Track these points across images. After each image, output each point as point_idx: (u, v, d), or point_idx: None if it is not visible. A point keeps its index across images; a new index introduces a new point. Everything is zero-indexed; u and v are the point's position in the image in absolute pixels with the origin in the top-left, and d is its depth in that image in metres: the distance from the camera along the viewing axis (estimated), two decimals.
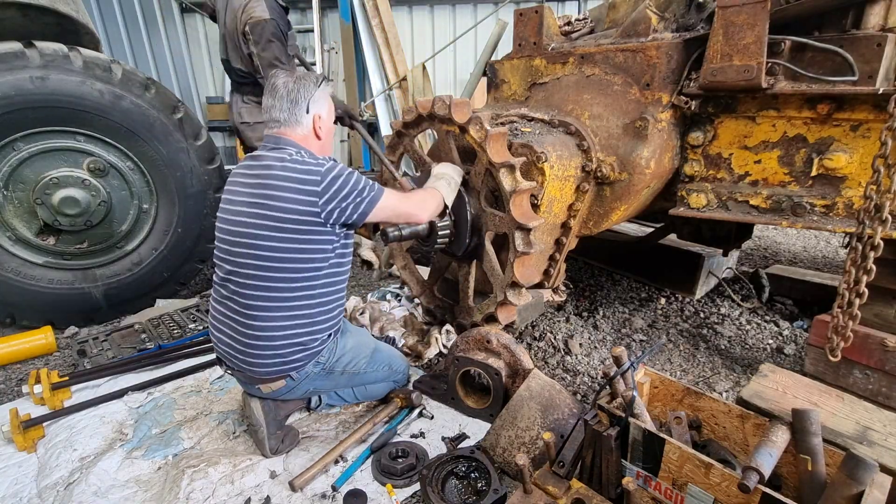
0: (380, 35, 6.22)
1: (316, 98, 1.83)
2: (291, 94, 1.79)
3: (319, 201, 1.68)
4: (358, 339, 2.07)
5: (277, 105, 1.80)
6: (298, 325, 1.80)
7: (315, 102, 1.82)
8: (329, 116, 1.91)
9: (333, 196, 1.70)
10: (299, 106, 1.79)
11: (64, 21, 3.04)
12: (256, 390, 1.93)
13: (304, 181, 1.68)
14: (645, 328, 3.00)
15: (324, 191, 1.68)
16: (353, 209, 1.74)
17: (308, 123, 1.83)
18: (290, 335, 1.79)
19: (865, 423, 1.68)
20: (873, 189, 1.76)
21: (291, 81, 1.80)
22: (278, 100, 1.80)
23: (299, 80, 1.81)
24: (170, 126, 3.09)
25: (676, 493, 1.43)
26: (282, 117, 1.80)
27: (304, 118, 1.81)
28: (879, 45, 1.80)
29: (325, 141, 1.91)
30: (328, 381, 1.99)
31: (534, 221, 2.05)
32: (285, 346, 1.80)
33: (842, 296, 1.93)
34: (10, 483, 1.86)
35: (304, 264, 1.75)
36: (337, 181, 1.70)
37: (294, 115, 1.80)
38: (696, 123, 2.24)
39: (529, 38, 2.59)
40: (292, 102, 1.79)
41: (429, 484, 1.70)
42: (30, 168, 2.85)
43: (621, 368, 1.59)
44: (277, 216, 1.68)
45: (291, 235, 1.70)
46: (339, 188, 1.70)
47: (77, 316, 3.14)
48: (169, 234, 3.25)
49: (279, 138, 1.81)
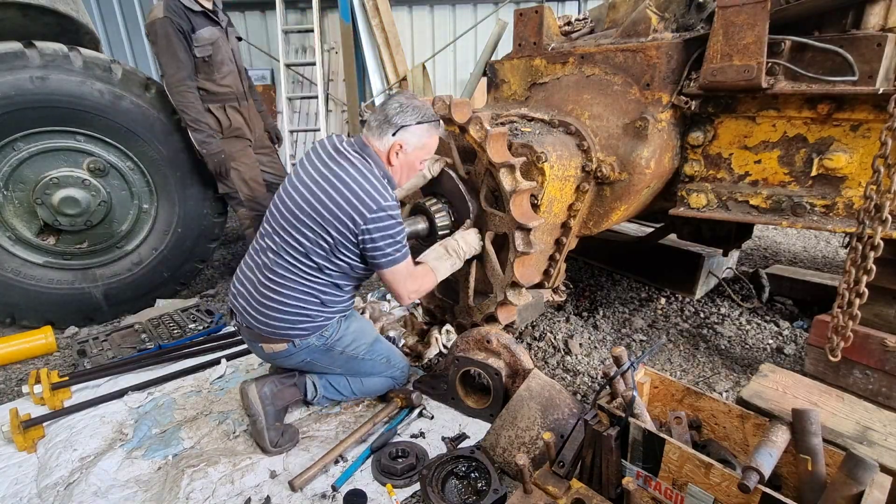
0: (380, 35, 6.22)
1: (410, 130, 1.86)
2: (391, 111, 1.85)
3: (363, 225, 1.77)
4: (362, 325, 2.15)
5: (375, 115, 1.89)
6: (310, 303, 1.92)
7: (406, 132, 1.86)
8: (415, 153, 1.92)
9: (373, 230, 1.79)
10: (389, 125, 1.85)
11: (64, 21, 3.05)
12: (259, 349, 2.02)
13: (365, 201, 1.76)
14: (645, 328, 3.00)
15: (372, 220, 1.77)
16: (377, 255, 1.83)
17: (387, 144, 1.87)
18: (301, 308, 1.91)
19: (865, 423, 1.68)
20: (873, 189, 1.76)
21: (402, 101, 1.87)
22: (380, 111, 1.88)
23: (407, 106, 1.86)
24: (170, 126, 3.09)
25: (676, 493, 1.43)
26: (373, 125, 1.89)
27: (387, 138, 1.86)
28: (879, 45, 1.80)
29: (398, 168, 1.94)
30: (326, 358, 2.05)
31: (534, 221, 2.05)
32: (294, 314, 1.90)
33: (842, 296, 1.93)
34: (10, 483, 1.86)
35: (328, 264, 1.87)
36: (386, 221, 1.79)
37: (380, 129, 1.86)
38: (696, 123, 2.24)
39: (529, 38, 2.59)
40: (385, 118, 1.85)
41: (429, 484, 1.71)
42: (30, 168, 2.85)
43: (621, 368, 1.59)
44: (326, 215, 1.79)
45: (327, 237, 1.81)
46: (383, 229, 1.80)
47: (77, 316, 3.14)
48: (169, 234, 3.25)
49: (366, 145, 1.89)
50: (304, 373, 2.12)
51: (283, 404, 2.07)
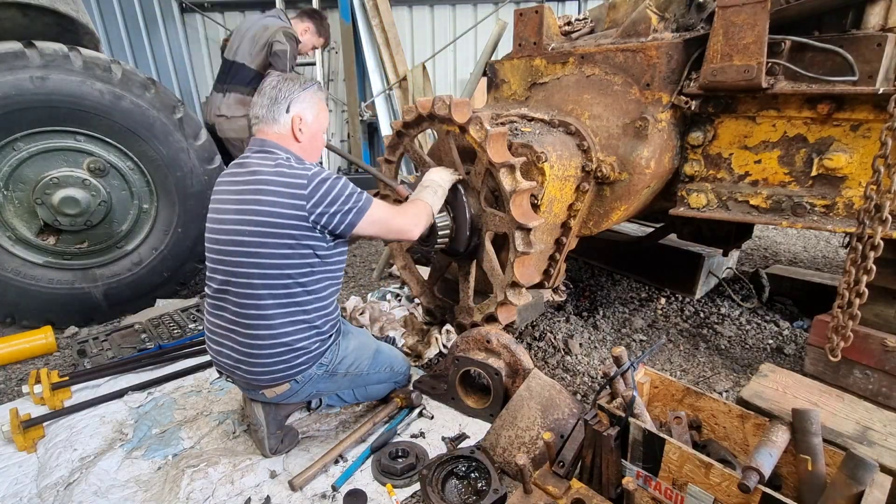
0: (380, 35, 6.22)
1: (300, 99, 1.78)
2: (273, 91, 1.77)
3: (307, 205, 1.65)
4: (360, 341, 2.06)
5: (259, 101, 1.79)
6: (299, 328, 1.77)
7: (298, 103, 1.78)
8: (316, 121, 1.84)
9: (320, 201, 1.66)
10: (278, 104, 1.76)
11: (64, 21, 3.04)
12: (260, 395, 1.89)
13: (291, 185, 1.65)
14: (645, 328, 3.00)
15: (310, 195, 1.65)
16: (340, 218, 1.71)
17: (286, 122, 1.78)
18: (292, 340, 1.76)
19: (865, 423, 1.68)
20: (873, 189, 1.76)
21: (276, 80, 1.79)
22: (260, 97, 1.79)
23: (284, 80, 1.79)
24: (170, 126, 3.09)
25: (676, 493, 1.43)
26: (260, 113, 1.78)
27: (283, 117, 1.77)
28: (879, 45, 1.80)
29: (306, 144, 1.83)
30: (331, 384, 1.97)
31: (534, 221, 2.05)
32: (288, 351, 1.77)
33: (842, 296, 1.93)
34: (10, 483, 1.85)
35: (299, 268, 1.72)
36: (323, 185, 1.67)
37: (272, 113, 1.76)
38: (696, 123, 2.24)
39: (529, 37, 2.59)
40: (272, 100, 1.76)
41: (429, 484, 1.70)
42: (30, 168, 2.85)
43: (621, 368, 1.59)
44: (268, 221, 1.65)
45: (283, 241, 1.66)
46: (325, 193, 1.67)
47: (77, 316, 3.14)
48: (169, 234, 3.25)
49: (263, 140, 1.78)
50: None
51: (286, 414, 2.06)
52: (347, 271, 4.10)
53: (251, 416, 1.96)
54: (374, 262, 4.17)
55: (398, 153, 2.62)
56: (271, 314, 1.72)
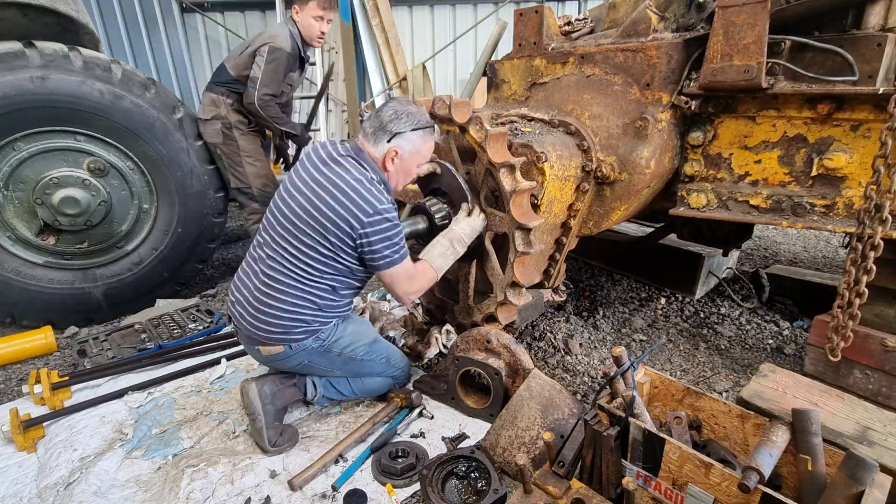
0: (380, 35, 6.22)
1: (405, 136, 1.88)
2: (386, 117, 1.87)
3: (360, 229, 1.79)
4: (359, 327, 2.14)
5: (370, 121, 1.91)
6: (307, 308, 1.91)
7: (401, 138, 1.88)
8: (410, 159, 1.95)
9: (370, 234, 1.80)
10: (384, 131, 1.88)
11: (64, 21, 3.04)
12: (256, 352, 2.02)
13: (361, 206, 1.78)
14: (645, 328, 3.00)
15: (369, 224, 1.79)
16: (376, 258, 1.85)
17: (383, 150, 1.90)
18: (297, 313, 1.90)
19: (865, 423, 1.68)
20: (873, 189, 1.76)
21: (394, 110, 1.88)
22: (375, 117, 1.91)
23: (402, 112, 1.88)
24: (170, 126, 3.09)
25: (676, 493, 1.43)
26: (368, 131, 1.91)
27: (382, 144, 1.89)
28: (879, 45, 1.80)
29: (393, 174, 1.96)
30: (324, 360, 2.04)
31: (534, 221, 2.04)
32: (290, 318, 1.90)
33: (842, 296, 1.93)
34: (10, 483, 1.86)
35: (327, 268, 1.88)
36: (383, 224, 1.81)
37: (375, 136, 1.89)
38: (696, 123, 2.24)
39: (529, 37, 2.59)
40: (381, 124, 1.88)
41: (429, 484, 1.70)
42: (30, 168, 2.85)
43: (621, 368, 1.59)
44: (323, 221, 1.80)
45: (327, 241, 1.82)
46: (380, 231, 1.81)
47: (77, 316, 3.14)
48: (169, 234, 3.25)
49: (361, 151, 1.90)
50: (304, 374, 2.12)
51: (283, 404, 2.07)
52: None
53: (249, 405, 1.99)
54: None
55: None
56: (287, 283, 1.88)
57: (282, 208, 1.90)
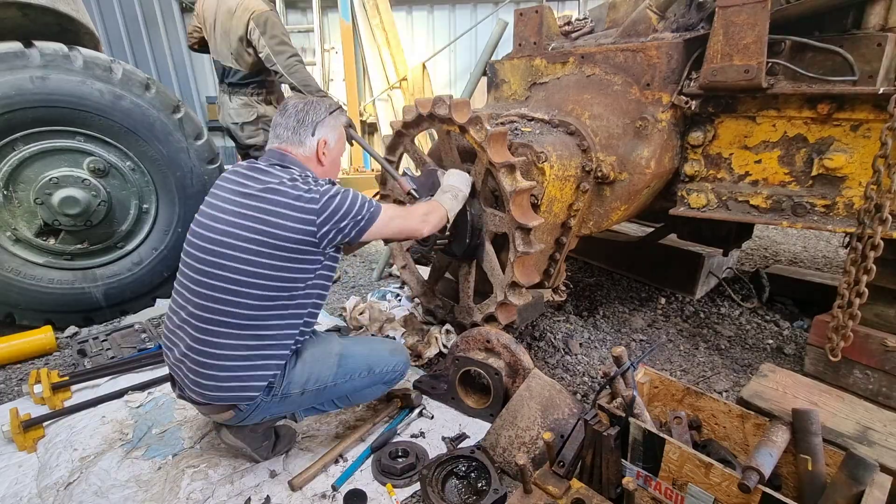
0: (380, 35, 6.23)
1: (325, 123, 1.80)
2: (300, 114, 1.78)
3: (317, 220, 1.60)
4: (313, 353, 1.80)
5: (283, 123, 1.79)
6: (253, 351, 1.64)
7: (323, 127, 1.80)
8: (337, 146, 1.88)
9: (330, 217, 1.62)
10: (305, 127, 1.77)
11: (64, 21, 3.04)
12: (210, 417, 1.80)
13: (304, 200, 1.61)
14: (645, 328, 3.00)
15: (321, 211, 1.61)
16: (350, 227, 1.68)
17: (312, 146, 1.79)
18: (240, 362, 1.63)
19: (865, 423, 1.68)
20: (873, 189, 1.76)
21: (302, 103, 1.81)
22: (285, 118, 1.79)
23: (310, 103, 1.81)
24: (170, 126, 3.09)
25: (676, 493, 1.43)
26: (285, 135, 1.78)
27: (308, 140, 1.78)
28: (880, 44, 1.80)
29: (328, 168, 1.86)
30: (287, 405, 1.79)
31: (534, 221, 2.04)
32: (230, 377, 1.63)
33: (842, 296, 1.93)
34: (10, 483, 1.85)
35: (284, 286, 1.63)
36: (334, 201, 1.63)
37: (298, 135, 1.77)
38: (697, 123, 2.24)
39: (530, 37, 2.59)
40: (299, 122, 1.77)
41: (429, 484, 1.70)
42: (30, 168, 2.85)
43: (621, 368, 1.59)
44: (273, 233, 1.58)
45: (281, 255, 1.60)
46: (336, 208, 1.64)
47: (77, 316, 3.14)
48: (169, 234, 3.25)
49: (284, 155, 1.76)
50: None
51: (265, 429, 1.91)
52: (347, 271, 4.10)
53: (231, 448, 1.87)
54: (374, 262, 4.17)
55: (398, 153, 2.62)
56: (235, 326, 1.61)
57: (211, 237, 1.63)
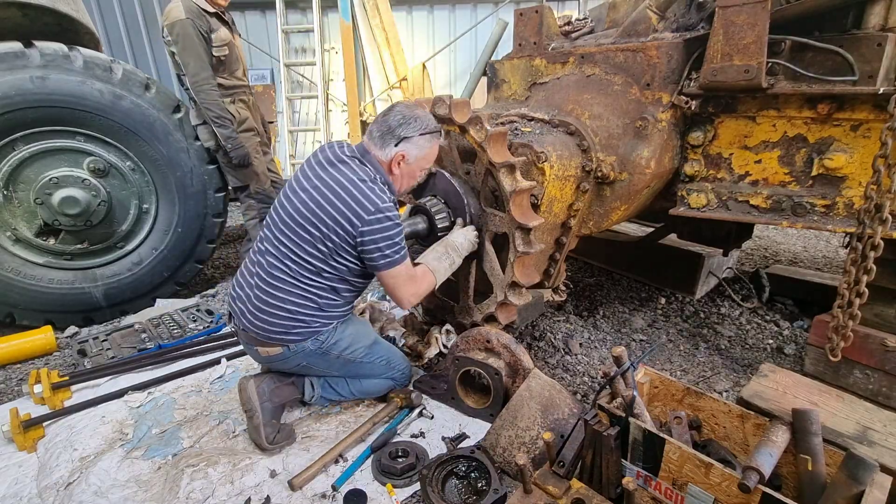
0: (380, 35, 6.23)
1: (413, 141, 1.88)
2: (395, 122, 1.87)
3: (360, 227, 1.78)
4: (359, 329, 2.13)
5: (378, 124, 1.90)
6: (307, 308, 1.91)
7: (408, 143, 1.88)
8: (416, 163, 1.95)
9: (371, 232, 1.79)
10: (392, 136, 1.87)
11: (64, 21, 3.04)
12: (255, 352, 2.02)
13: (363, 204, 1.78)
14: (645, 328, 3.00)
15: (368, 223, 1.78)
16: (376, 257, 1.83)
17: (389, 154, 1.89)
18: (296, 314, 1.90)
19: (865, 423, 1.68)
20: (873, 189, 1.76)
21: (402, 115, 1.88)
22: (382, 120, 1.90)
23: (409, 117, 1.88)
24: (170, 126, 3.09)
25: (676, 493, 1.43)
26: (374, 135, 1.90)
27: (389, 148, 1.88)
28: (880, 44, 1.80)
29: (398, 178, 1.96)
30: (322, 361, 2.04)
31: (534, 221, 2.04)
32: (289, 318, 1.90)
33: (842, 296, 1.93)
34: (10, 483, 1.86)
35: (327, 267, 1.88)
36: (383, 223, 1.79)
37: (382, 140, 1.88)
38: (697, 123, 2.24)
39: (530, 37, 2.59)
40: (388, 129, 1.87)
41: (429, 484, 1.70)
42: (30, 168, 2.85)
43: (621, 368, 1.59)
44: (325, 218, 1.80)
45: (325, 241, 1.82)
46: (379, 230, 1.79)
47: (77, 316, 3.14)
48: (169, 234, 3.25)
49: (367, 152, 1.91)
50: (302, 375, 2.12)
51: (281, 402, 2.07)
52: None
53: (247, 401, 1.98)
54: None
55: None
56: (289, 282, 1.89)
57: (286, 207, 1.90)
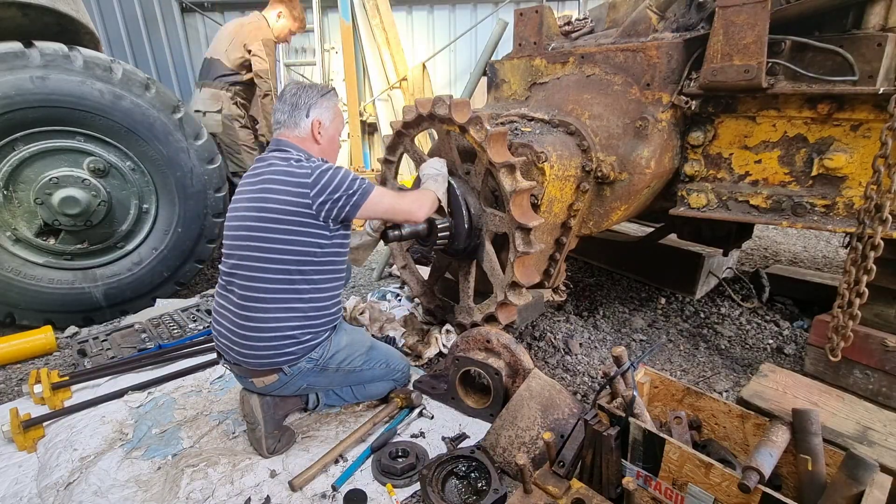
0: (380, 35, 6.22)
1: (318, 105, 1.93)
2: (293, 98, 1.91)
3: (311, 193, 1.76)
4: (353, 337, 2.10)
5: (280, 108, 1.93)
6: (291, 318, 1.85)
7: (316, 108, 1.92)
8: (332, 125, 1.99)
9: (323, 189, 1.77)
10: (299, 109, 1.91)
11: (64, 21, 3.04)
12: (251, 384, 1.95)
13: (298, 175, 1.78)
14: (645, 328, 3.00)
15: (314, 184, 1.76)
16: (344, 202, 1.81)
17: (306, 127, 1.93)
18: (282, 328, 1.84)
19: (865, 423, 1.68)
20: (873, 189, 1.76)
21: (295, 88, 1.93)
22: (282, 104, 1.93)
23: (303, 87, 1.94)
24: (170, 126, 3.09)
25: (676, 493, 1.43)
26: (281, 118, 1.93)
27: (303, 122, 1.92)
28: (880, 44, 1.80)
29: (325, 146, 1.99)
30: (322, 378, 2.01)
31: (534, 221, 2.04)
32: (277, 338, 1.84)
33: (842, 296, 1.93)
34: (10, 483, 1.85)
35: (299, 257, 1.82)
36: (325, 175, 1.78)
37: (293, 118, 1.91)
38: (697, 123, 2.24)
39: (530, 37, 2.59)
40: (292, 106, 1.91)
41: (429, 484, 1.70)
42: (30, 168, 2.85)
43: (621, 368, 1.59)
44: (275, 208, 1.77)
45: (287, 227, 1.78)
46: (328, 182, 1.78)
47: (77, 316, 3.14)
48: (169, 234, 3.25)
49: (280, 140, 1.93)
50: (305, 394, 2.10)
51: (284, 413, 2.06)
52: None
53: (248, 413, 1.96)
54: (374, 262, 4.17)
55: (398, 153, 2.62)
56: (269, 298, 1.82)
57: (235, 225, 1.86)
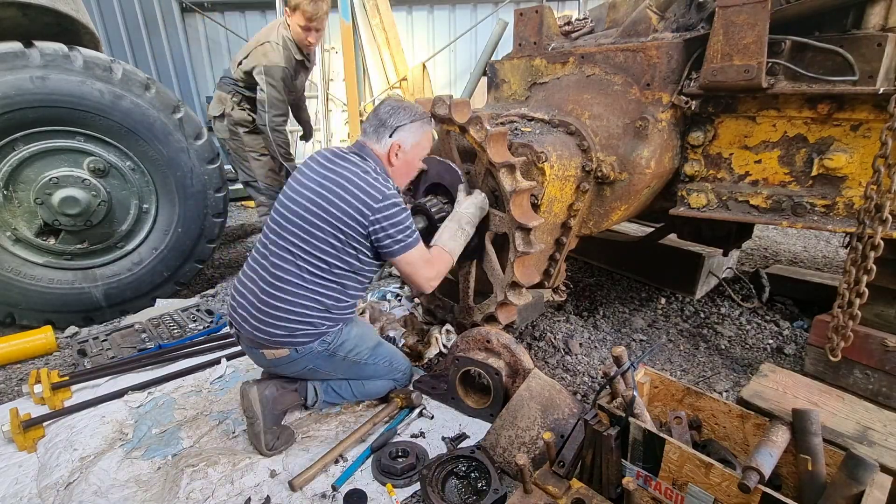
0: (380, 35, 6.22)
1: (405, 128, 1.95)
2: (385, 114, 1.96)
3: (371, 216, 1.82)
4: (363, 331, 2.14)
5: (371, 120, 1.99)
6: (313, 308, 1.90)
7: (401, 132, 1.95)
8: (412, 150, 2.01)
9: (383, 220, 1.83)
10: (385, 128, 1.95)
11: (64, 21, 3.04)
12: (261, 356, 1.99)
13: (368, 194, 1.82)
14: (645, 328, 3.00)
15: (380, 210, 1.82)
16: (390, 243, 1.87)
17: (386, 145, 1.96)
18: (303, 314, 1.90)
19: (865, 423, 1.68)
20: (873, 189, 1.76)
21: (391, 106, 1.97)
22: (373, 115, 1.98)
23: (399, 108, 1.97)
24: (170, 126, 3.09)
25: (676, 493, 1.43)
26: (368, 130, 1.98)
27: (384, 140, 1.96)
28: (880, 44, 1.80)
29: (398, 168, 2.01)
30: (328, 364, 2.04)
31: (534, 221, 2.04)
32: (296, 321, 1.89)
33: (842, 296, 1.93)
34: (10, 483, 1.85)
35: (338, 262, 1.88)
36: (393, 208, 1.84)
37: (377, 133, 1.96)
38: (697, 123, 2.24)
39: (530, 37, 2.59)
40: (380, 122, 1.96)
41: (429, 484, 1.71)
42: (30, 168, 2.85)
43: (621, 368, 1.59)
44: (338, 206, 1.82)
45: (337, 233, 1.84)
46: (392, 216, 1.84)
47: (77, 316, 3.14)
48: (169, 234, 3.25)
49: (364, 146, 1.98)
50: (306, 378, 2.12)
51: (283, 409, 2.06)
52: None
53: (248, 408, 1.97)
54: None
55: None
56: (298, 285, 1.88)
57: (289, 207, 1.91)
